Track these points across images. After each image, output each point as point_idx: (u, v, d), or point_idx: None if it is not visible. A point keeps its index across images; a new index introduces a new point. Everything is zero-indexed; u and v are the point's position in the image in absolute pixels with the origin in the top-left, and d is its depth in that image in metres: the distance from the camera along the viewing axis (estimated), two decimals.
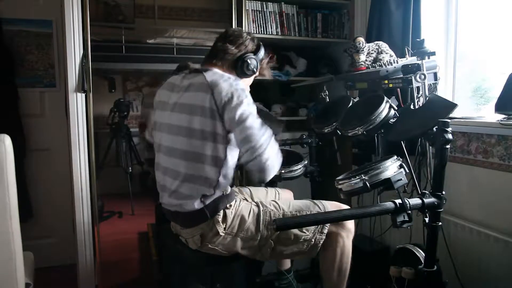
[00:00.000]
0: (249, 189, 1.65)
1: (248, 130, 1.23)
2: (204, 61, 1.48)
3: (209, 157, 1.31)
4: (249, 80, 1.54)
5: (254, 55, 1.48)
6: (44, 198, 2.50)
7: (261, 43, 1.55)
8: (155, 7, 4.34)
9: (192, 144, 1.31)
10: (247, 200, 1.52)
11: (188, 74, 1.41)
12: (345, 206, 1.51)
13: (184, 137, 1.33)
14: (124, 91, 4.68)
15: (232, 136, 1.31)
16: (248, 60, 1.45)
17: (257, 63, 1.48)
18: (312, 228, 1.42)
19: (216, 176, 1.32)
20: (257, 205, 1.43)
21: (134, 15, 4.18)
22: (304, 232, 1.41)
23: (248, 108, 1.27)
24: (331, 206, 1.49)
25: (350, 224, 1.48)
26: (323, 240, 1.43)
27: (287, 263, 1.80)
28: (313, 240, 1.42)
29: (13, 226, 1.17)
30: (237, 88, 1.28)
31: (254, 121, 1.25)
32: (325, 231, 1.43)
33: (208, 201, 1.33)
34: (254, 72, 1.49)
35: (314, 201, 1.51)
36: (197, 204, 1.32)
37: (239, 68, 1.45)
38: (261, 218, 1.39)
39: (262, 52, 1.51)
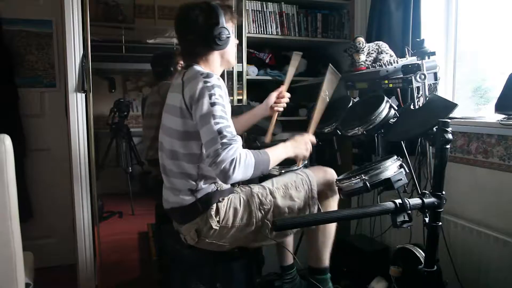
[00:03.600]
0: (250, 187, 1.66)
1: (210, 133, 1.20)
2: (187, 56, 1.42)
3: (184, 154, 1.34)
4: (231, 47, 1.43)
5: (215, 24, 1.32)
6: (44, 198, 2.50)
7: (215, 5, 1.35)
8: (155, 7, 4.34)
9: (171, 142, 1.36)
10: (237, 192, 1.53)
11: (181, 71, 1.43)
12: (329, 169, 1.54)
13: (167, 136, 1.39)
14: (124, 91, 4.69)
15: None
16: (214, 36, 1.32)
17: (224, 29, 1.33)
18: (302, 195, 1.46)
19: (195, 171, 1.34)
20: (245, 193, 1.45)
21: (134, 15, 4.19)
22: (296, 201, 1.44)
23: (211, 109, 1.22)
24: (314, 170, 1.53)
25: (335, 187, 1.52)
26: (317, 207, 1.47)
27: (289, 259, 1.80)
28: (307, 208, 1.46)
29: (13, 226, 1.17)
30: (205, 86, 1.25)
31: (214, 123, 1.20)
32: (315, 194, 1.47)
33: (199, 195, 1.35)
34: (227, 40, 1.36)
35: (296, 171, 1.55)
36: (188, 199, 1.35)
37: (213, 46, 1.35)
38: (251, 202, 1.41)
39: (221, 14, 1.33)
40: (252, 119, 1.72)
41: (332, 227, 1.55)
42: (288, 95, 1.71)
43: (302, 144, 1.46)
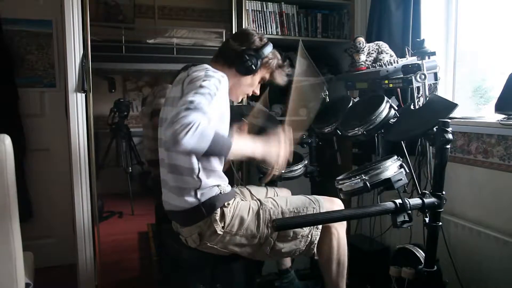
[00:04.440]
0: (248, 189, 1.66)
1: (183, 103, 1.12)
2: (217, 53, 1.49)
3: None
4: (250, 80, 1.48)
5: (254, 52, 1.43)
6: (44, 198, 2.50)
7: (269, 43, 1.48)
8: (155, 7, 4.33)
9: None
10: (246, 199, 1.53)
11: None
12: (339, 201, 1.53)
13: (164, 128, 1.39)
14: (124, 91, 4.68)
15: None
16: (246, 56, 1.41)
17: (256, 61, 1.42)
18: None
19: (195, 166, 1.31)
20: (256, 204, 1.43)
21: (134, 15, 4.18)
22: (302, 229, 1.42)
23: (199, 88, 1.18)
24: (325, 200, 1.51)
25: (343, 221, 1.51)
26: (318, 237, 1.45)
27: (287, 262, 1.80)
28: (309, 236, 1.44)
29: (13, 226, 1.17)
30: (205, 74, 1.25)
31: (192, 95, 1.14)
32: (320, 226, 1.45)
33: (203, 198, 1.33)
34: (251, 69, 1.43)
35: (309, 197, 1.52)
36: (191, 201, 1.33)
37: (236, 64, 1.42)
38: (261, 216, 1.40)
39: (266, 51, 1.45)
40: None
41: (345, 258, 1.53)
42: None
43: (274, 148, 1.32)
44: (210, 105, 1.16)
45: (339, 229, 1.49)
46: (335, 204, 1.52)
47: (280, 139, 1.34)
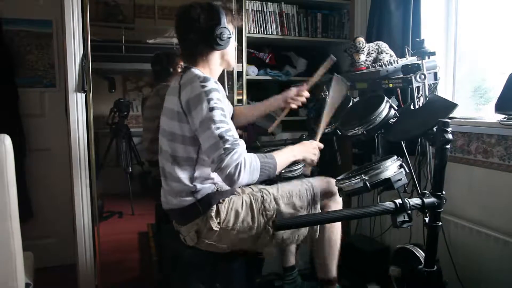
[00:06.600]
0: (252, 189, 1.66)
1: (212, 139, 1.20)
2: (188, 56, 1.43)
3: (182, 157, 1.34)
4: (231, 48, 1.44)
5: (213, 23, 1.34)
6: (44, 198, 2.50)
7: (214, 5, 1.37)
8: (155, 7, 4.34)
9: (169, 145, 1.37)
10: (238, 194, 1.53)
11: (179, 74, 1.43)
12: (332, 180, 1.52)
13: (165, 139, 1.39)
14: (124, 91, 4.69)
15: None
16: (212, 31, 1.33)
17: (224, 31, 1.34)
18: (305, 205, 1.45)
19: (192, 174, 1.34)
20: (248, 196, 1.44)
21: (134, 15, 4.19)
22: (298, 210, 1.44)
23: (210, 114, 1.21)
24: (317, 181, 1.52)
25: (339, 197, 1.51)
26: None
27: (291, 260, 1.80)
28: None
29: (13, 226, 1.17)
30: (202, 91, 1.24)
31: (215, 129, 1.20)
32: (318, 206, 1.47)
33: (199, 196, 1.35)
34: (226, 40, 1.36)
35: (302, 180, 1.53)
36: (188, 200, 1.35)
37: (212, 45, 1.36)
38: (254, 206, 1.40)
39: (220, 13, 1.35)
40: (268, 108, 1.71)
41: (337, 237, 1.53)
42: (307, 94, 1.68)
43: (310, 148, 1.43)
44: (229, 120, 1.25)
45: (333, 208, 1.51)
46: (325, 180, 1.53)
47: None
